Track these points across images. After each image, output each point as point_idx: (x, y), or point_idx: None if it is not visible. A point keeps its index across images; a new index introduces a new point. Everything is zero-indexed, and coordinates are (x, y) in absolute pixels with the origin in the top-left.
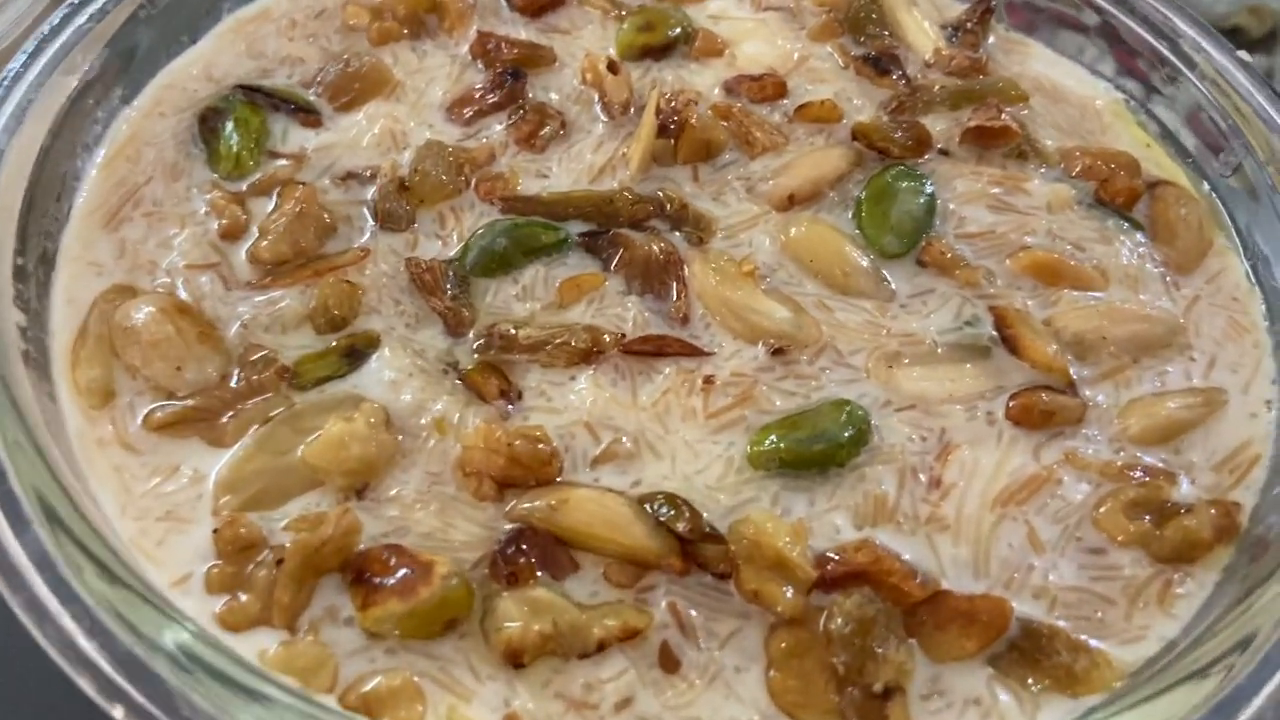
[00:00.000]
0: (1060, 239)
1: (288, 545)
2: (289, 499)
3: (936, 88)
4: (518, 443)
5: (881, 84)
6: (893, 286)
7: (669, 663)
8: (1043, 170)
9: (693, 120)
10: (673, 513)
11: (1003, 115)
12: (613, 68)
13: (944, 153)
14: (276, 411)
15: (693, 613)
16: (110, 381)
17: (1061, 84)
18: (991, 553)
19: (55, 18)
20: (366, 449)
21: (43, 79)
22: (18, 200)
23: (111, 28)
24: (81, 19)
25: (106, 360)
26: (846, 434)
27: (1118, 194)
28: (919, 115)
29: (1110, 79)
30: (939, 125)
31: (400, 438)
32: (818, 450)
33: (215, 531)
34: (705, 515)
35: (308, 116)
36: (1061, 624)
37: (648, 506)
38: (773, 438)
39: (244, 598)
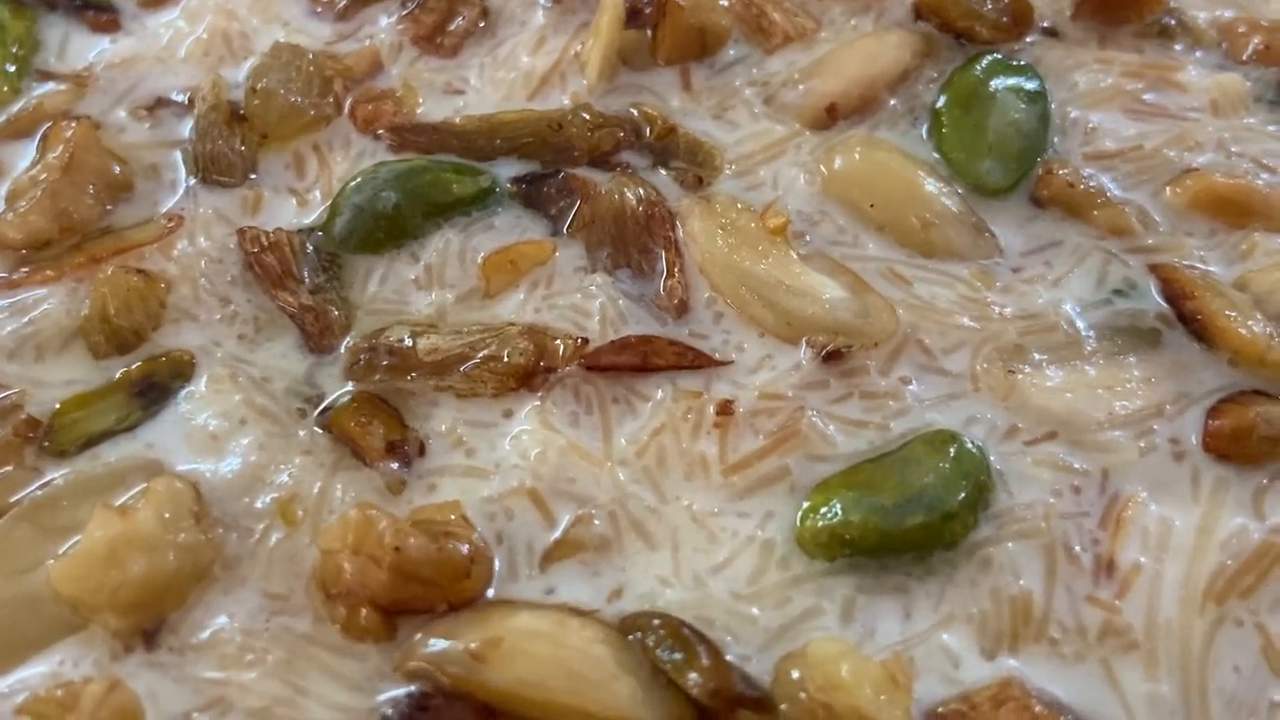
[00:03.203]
0: (1239, 155)
1: None
2: (27, 655)
3: None
4: (412, 541)
5: None
6: (999, 240)
7: None
8: (1198, 54)
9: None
10: (680, 655)
11: None
12: None
13: (1051, 33)
14: (16, 497)
15: None
16: None
17: None
18: (1209, 686)
19: None
20: (156, 563)
21: None
22: None
23: None
24: None
25: None
26: (959, 494)
27: None
28: None
29: None
30: None
31: (221, 534)
32: (913, 525)
33: None
34: (734, 654)
35: (99, 17)
36: None
37: (636, 642)
38: (836, 505)
39: None
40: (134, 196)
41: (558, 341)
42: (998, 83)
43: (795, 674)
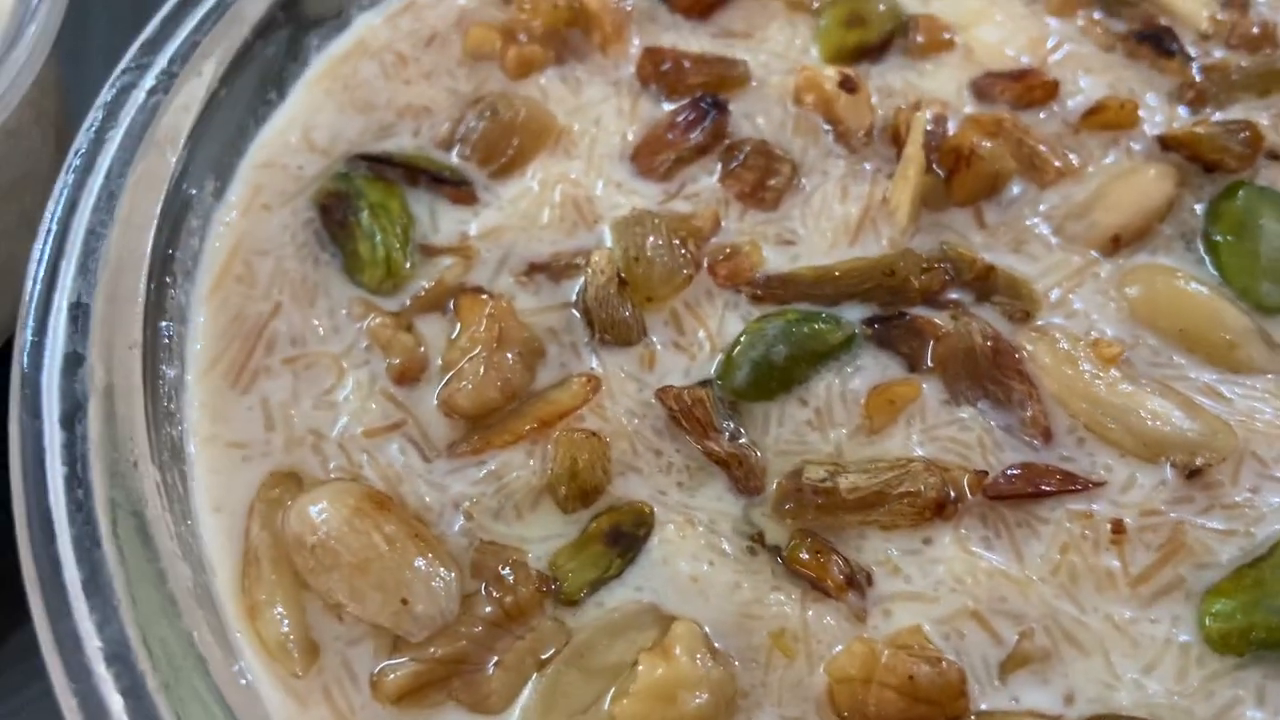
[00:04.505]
0: None
1: None
2: None
3: (1231, 68)
4: (924, 668)
5: (1166, 69)
6: None
7: None
8: None
9: (979, 149)
10: None
11: None
12: (848, 84)
13: (1275, 157)
14: (553, 649)
15: None
16: (306, 629)
17: None
18: None
19: (106, 94)
20: (701, 698)
21: (116, 185)
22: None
23: (188, 96)
24: (141, 91)
25: (293, 595)
26: None
27: None
28: (1220, 108)
29: None
30: (1256, 119)
31: (736, 668)
32: None
33: None
34: None
35: (457, 190)
36: None
37: None
38: (1230, 606)
39: None
40: (546, 360)
41: (961, 474)
42: (1263, 210)
43: None
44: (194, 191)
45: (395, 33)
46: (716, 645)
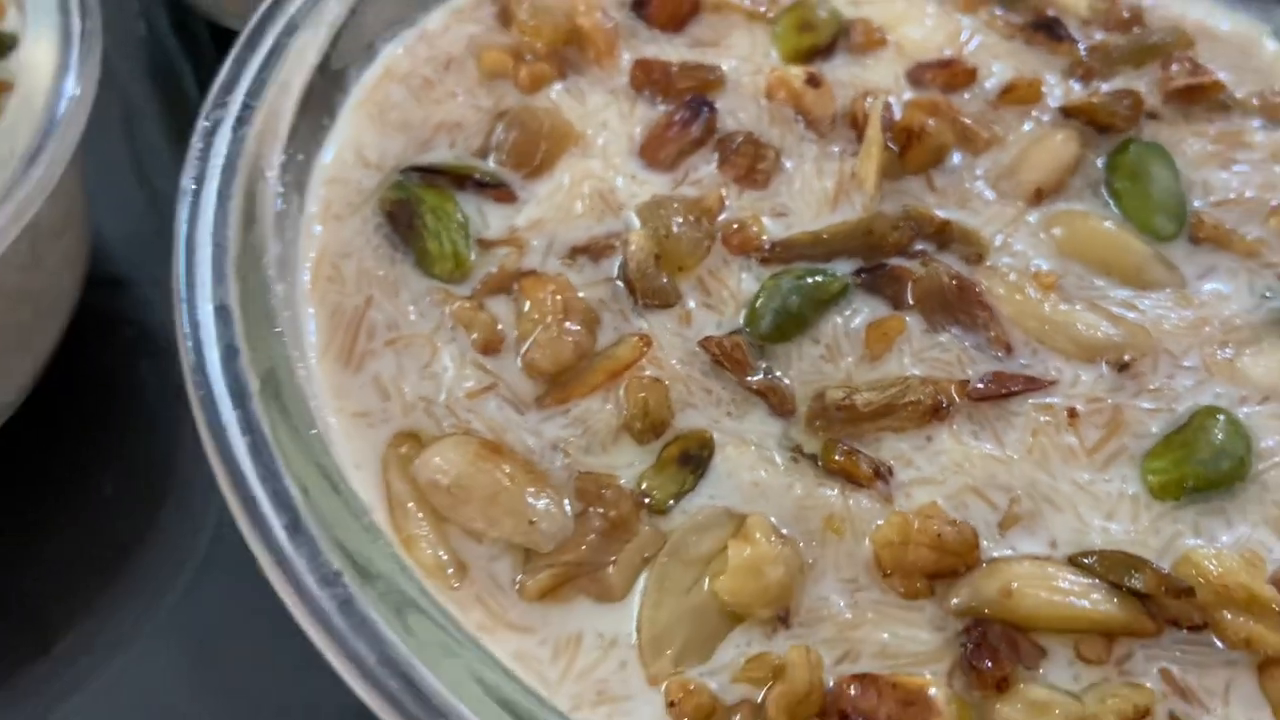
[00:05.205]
0: None
1: (763, 702)
2: (716, 645)
3: (1110, 47)
4: (948, 528)
5: (1058, 51)
6: (1180, 271)
7: None
8: (1253, 121)
9: (927, 127)
10: (1125, 571)
11: (1199, 69)
12: (813, 81)
13: (1152, 116)
14: (654, 548)
15: (1186, 675)
16: (454, 552)
17: (1207, 23)
18: None
19: (200, 129)
20: (780, 570)
21: (226, 206)
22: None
23: (264, 125)
24: (228, 125)
25: (437, 527)
26: (1241, 445)
27: None
28: (1106, 80)
29: (1252, 9)
30: (1135, 87)
31: (801, 548)
32: (1226, 469)
33: (672, 705)
34: None
35: (499, 191)
36: None
37: (1090, 567)
38: (1165, 463)
39: None
40: (603, 325)
41: (949, 384)
42: (1149, 159)
43: (1191, 572)
44: (284, 207)
45: (415, 60)
46: (783, 531)
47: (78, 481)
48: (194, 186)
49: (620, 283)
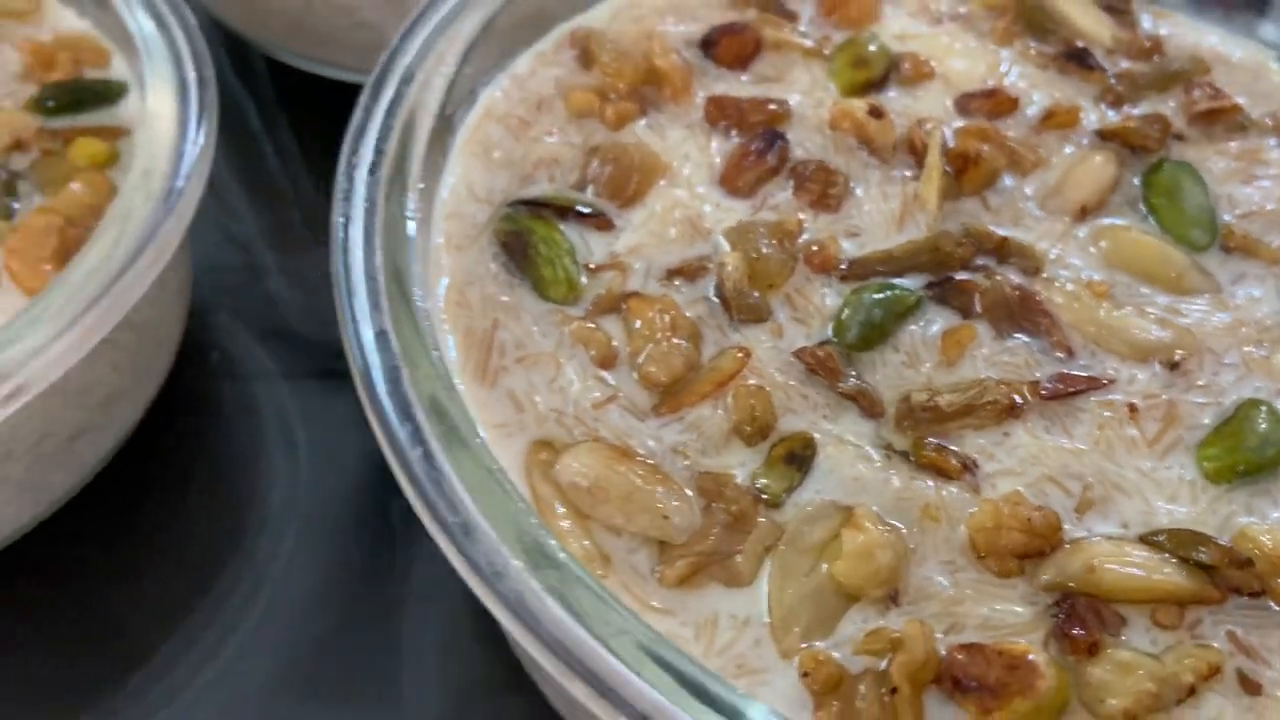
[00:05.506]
0: None
1: (887, 671)
2: (837, 622)
3: (1137, 74)
4: (1036, 514)
5: (1090, 79)
6: (1216, 278)
7: (1251, 687)
8: (1269, 140)
9: (983, 153)
10: (1192, 547)
11: (1219, 93)
12: (876, 112)
13: (1178, 137)
14: (773, 538)
15: (1249, 636)
16: (599, 545)
17: (1220, 50)
18: None
19: (343, 175)
20: (889, 554)
21: (371, 244)
22: None
23: (393, 169)
24: (363, 170)
25: (581, 523)
26: None
27: None
28: (1134, 105)
29: (1260, 38)
30: (1162, 111)
31: (902, 533)
32: (1271, 455)
33: (805, 675)
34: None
35: (598, 220)
36: None
37: (1162, 543)
38: (1218, 451)
39: None
40: (705, 340)
41: (1022, 385)
42: (1182, 177)
43: (1248, 545)
44: (419, 239)
45: (510, 101)
46: (888, 520)
47: (170, 505)
48: (343, 222)
49: (716, 300)
